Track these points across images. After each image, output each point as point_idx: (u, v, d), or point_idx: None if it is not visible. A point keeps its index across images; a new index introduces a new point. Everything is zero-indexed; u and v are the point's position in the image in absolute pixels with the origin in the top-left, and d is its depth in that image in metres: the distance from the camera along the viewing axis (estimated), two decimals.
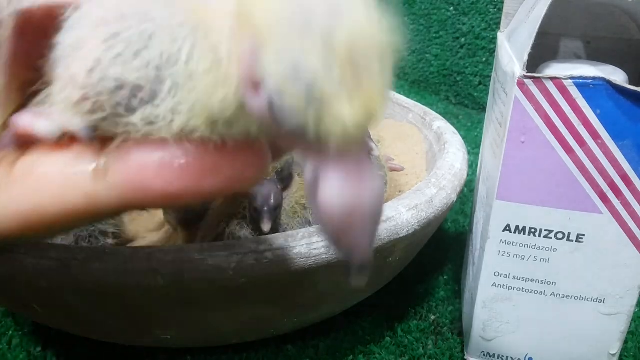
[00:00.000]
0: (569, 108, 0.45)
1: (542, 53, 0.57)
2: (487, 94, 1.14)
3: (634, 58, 0.54)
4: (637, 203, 0.46)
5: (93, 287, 0.38)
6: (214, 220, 0.54)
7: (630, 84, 0.44)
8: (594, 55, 0.55)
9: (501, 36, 0.59)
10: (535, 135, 0.46)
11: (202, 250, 0.38)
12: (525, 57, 0.48)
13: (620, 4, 0.52)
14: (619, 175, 0.46)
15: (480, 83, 1.15)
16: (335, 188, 0.21)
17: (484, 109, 1.17)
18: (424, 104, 1.18)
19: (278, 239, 0.41)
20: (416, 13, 1.24)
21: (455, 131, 0.68)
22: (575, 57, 0.57)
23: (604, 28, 0.55)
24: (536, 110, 0.46)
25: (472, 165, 0.91)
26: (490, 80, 1.11)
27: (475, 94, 1.16)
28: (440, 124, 0.70)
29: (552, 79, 0.45)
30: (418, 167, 0.68)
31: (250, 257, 0.39)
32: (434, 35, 1.21)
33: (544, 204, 0.48)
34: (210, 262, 0.38)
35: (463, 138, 1.08)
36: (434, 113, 0.75)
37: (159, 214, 0.63)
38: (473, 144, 1.00)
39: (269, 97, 0.20)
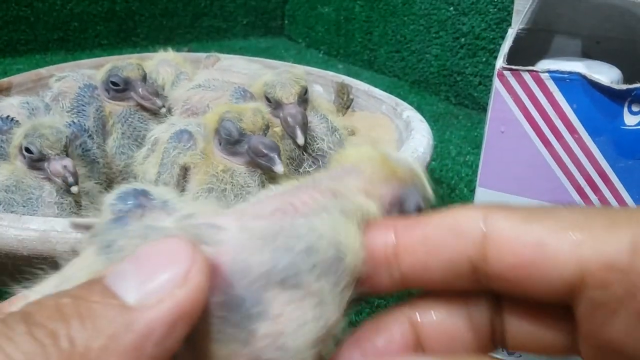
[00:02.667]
0: (546, 101, 0.46)
1: (550, 52, 0.58)
2: (487, 94, 1.15)
3: None
4: (615, 201, 0.47)
5: (70, 256, 0.39)
6: None
7: (631, 83, 0.45)
8: (603, 55, 0.55)
9: (511, 32, 0.60)
10: (514, 126, 0.47)
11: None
12: (506, 50, 0.49)
13: (629, 6, 0.53)
14: (596, 172, 0.46)
15: (480, 83, 1.16)
16: None
17: (483, 109, 1.18)
18: (424, 104, 1.20)
19: None
20: (416, 13, 1.25)
21: (423, 119, 0.71)
22: (584, 56, 0.57)
23: (614, 29, 0.56)
24: (515, 102, 0.47)
25: (472, 165, 0.92)
26: (489, 80, 1.12)
27: (475, 94, 1.17)
28: (410, 113, 0.74)
29: (529, 71, 0.46)
30: None
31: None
32: (434, 35, 1.22)
33: (523, 194, 0.49)
34: None
35: (463, 138, 1.10)
36: (404, 104, 0.79)
37: None
38: (473, 144, 1.01)
39: None
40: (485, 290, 0.28)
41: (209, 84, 0.76)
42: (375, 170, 0.29)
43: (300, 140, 0.64)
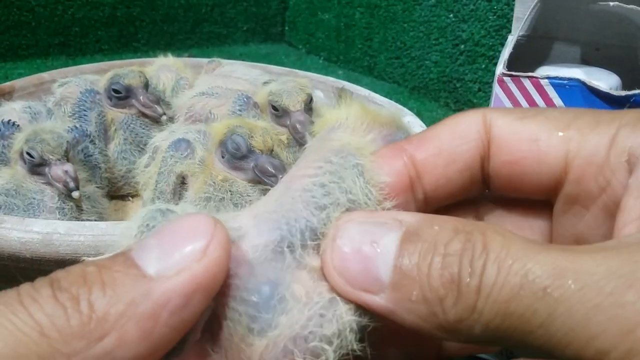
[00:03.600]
0: (546, 107, 0.46)
1: (550, 58, 0.59)
2: (486, 100, 1.15)
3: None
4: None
5: (73, 259, 0.39)
6: None
7: (629, 89, 0.45)
8: (602, 61, 0.56)
9: (511, 39, 0.61)
10: None
11: None
12: (506, 56, 0.50)
13: (628, 13, 0.53)
14: None
15: (479, 89, 1.16)
16: None
17: None
18: (423, 110, 1.20)
19: None
20: (416, 20, 1.25)
21: (423, 125, 0.72)
22: (583, 63, 0.58)
23: (613, 36, 0.57)
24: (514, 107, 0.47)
25: None
26: (489, 87, 1.12)
27: (475, 101, 1.17)
28: (410, 119, 0.74)
29: (529, 77, 0.46)
30: None
31: None
32: (434, 42, 1.22)
33: None
34: None
35: None
36: (404, 109, 0.79)
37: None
38: None
39: None
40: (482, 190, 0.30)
41: (212, 91, 0.76)
42: (358, 121, 0.29)
43: None
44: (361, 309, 0.25)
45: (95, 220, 0.55)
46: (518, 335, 0.21)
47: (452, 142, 0.28)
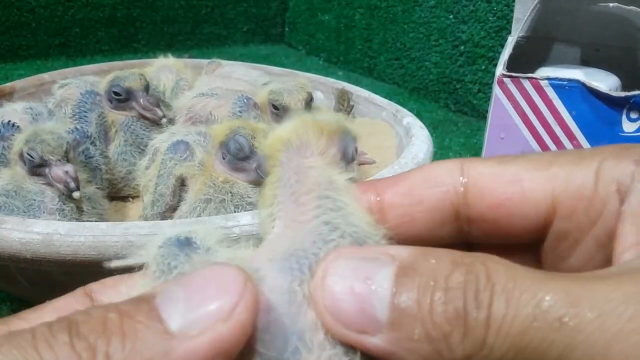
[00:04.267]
0: (546, 108, 0.47)
1: (550, 59, 0.59)
2: (486, 101, 1.15)
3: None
4: None
5: (73, 260, 0.39)
6: None
7: (629, 90, 0.45)
8: (602, 62, 0.56)
9: (511, 40, 0.61)
10: (513, 132, 0.48)
11: (174, 225, 0.40)
12: (506, 57, 0.50)
13: (628, 15, 0.53)
14: None
15: (479, 90, 1.16)
16: None
17: (483, 116, 1.18)
18: (423, 111, 1.20)
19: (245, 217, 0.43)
20: (416, 21, 1.25)
21: (423, 126, 0.72)
22: (583, 64, 0.58)
23: (613, 37, 0.57)
24: (514, 108, 0.47)
25: None
26: (489, 88, 1.12)
27: (475, 102, 1.17)
28: (410, 119, 0.74)
29: (529, 78, 0.46)
30: (388, 160, 0.72)
31: (220, 231, 0.41)
32: (434, 43, 1.22)
33: None
34: None
35: (462, 145, 1.10)
36: (405, 110, 0.79)
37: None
38: (472, 151, 1.01)
39: None
40: (463, 241, 0.29)
41: (212, 92, 0.76)
42: (313, 137, 0.30)
43: None
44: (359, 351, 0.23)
45: (96, 222, 0.55)
46: None
47: (422, 184, 0.28)
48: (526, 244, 0.29)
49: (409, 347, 0.22)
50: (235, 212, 0.56)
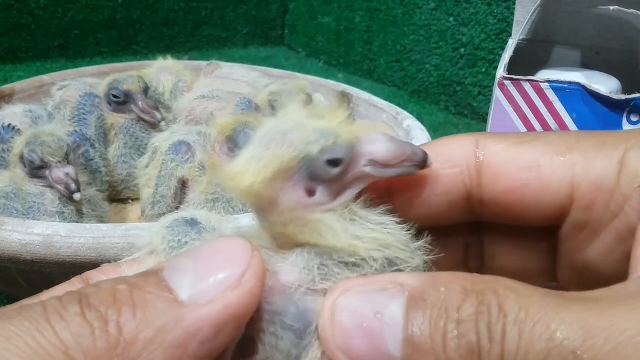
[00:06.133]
0: (546, 110, 0.47)
1: (550, 62, 0.59)
2: (486, 104, 1.15)
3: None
4: None
5: (73, 261, 0.39)
6: None
7: (630, 93, 0.45)
8: (602, 65, 0.56)
9: (511, 42, 0.61)
10: None
11: None
12: (507, 60, 0.50)
13: (629, 18, 0.53)
14: None
15: (479, 93, 1.16)
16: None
17: (483, 119, 1.18)
18: (423, 114, 1.20)
19: (246, 218, 0.43)
20: (416, 24, 1.26)
21: (423, 128, 0.72)
22: (583, 66, 0.58)
23: (613, 40, 0.57)
24: (515, 111, 0.47)
25: None
26: (489, 91, 1.12)
27: (475, 104, 1.17)
28: (410, 122, 0.74)
29: (530, 81, 0.46)
30: None
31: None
32: (434, 45, 1.22)
33: None
34: None
35: None
36: (405, 113, 0.79)
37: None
38: None
39: None
40: (473, 222, 0.29)
41: (213, 94, 0.76)
42: (258, 197, 0.26)
43: None
44: None
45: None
46: None
47: (434, 165, 0.27)
48: (541, 228, 0.28)
49: None
50: (243, 210, 0.56)
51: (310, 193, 0.25)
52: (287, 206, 0.25)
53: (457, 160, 0.27)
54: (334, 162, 0.25)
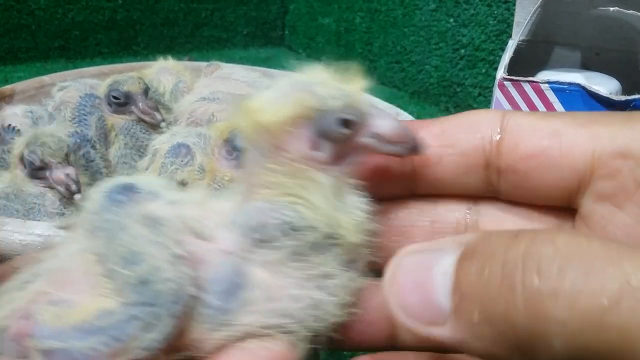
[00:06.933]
0: (546, 111, 0.47)
1: (550, 63, 0.59)
2: (486, 105, 1.15)
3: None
4: None
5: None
6: None
7: (629, 94, 0.45)
8: (602, 66, 0.56)
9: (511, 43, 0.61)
10: None
11: None
12: (507, 61, 0.50)
13: (628, 18, 0.53)
14: None
15: (479, 94, 1.16)
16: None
17: None
18: (423, 115, 1.20)
19: None
20: (416, 24, 1.26)
21: None
22: (583, 67, 0.58)
23: (613, 41, 0.57)
24: None
25: None
26: (489, 92, 1.12)
27: (475, 105, 1.17)
28: None
29: (529, 82, 0.46)
30: None
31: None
32: (434, 46, 1.23)
33: None
34: None
35: None
36: (405, 113, 0.79)
37: None
38: None
39: None
40: (490, 195, 0.28)
41: (213, 96, 0.76)
42: (268, 134, 0.28)
43: None
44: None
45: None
46: (613, 353, 0.17)
47: (457, 128, 0.27)
48: (558, 210, 0.27)
49: (473, 333, 0.20)
50: None
51: (314, 147, 0.26)
52: (291, 153, 0.26)
53: (480, 127, 0.27)
54: (346, 122, 0.26)
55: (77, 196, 0.55)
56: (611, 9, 0.52)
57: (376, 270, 0.28)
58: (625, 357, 0.17)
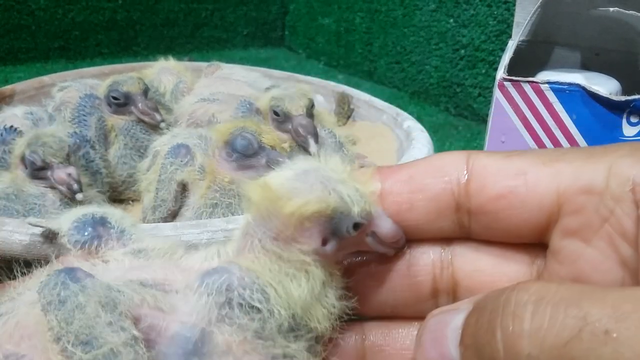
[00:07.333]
0: (546, 111, 0.47)
1: (550, 63, 0.59)
2: (486, 105, 1.15)
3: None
4: None
5: None
6: None
7: (629, 94, 0.45)
8: (602, 66, 0.56)
9: (511, 44, 0.61)
10: (514, 136, 0.48)
11: (175, 228, 0.40)
12: (507, 61, 0.50)
13: (628, 19, 0.53)
14: None
15: (479, 94, 1.16)
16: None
17: (483, 120, 1.18)
18: (423, 115, 1.20)
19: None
20: (416, 25, 1.26)
21: (423, 129, 0.72)
22: (583, 68, 0.58)
23: (613, 41, 0.57)
24: (515, 112, 0.47)
25: None
26: (489, 92, 1.12)
27: (475, 105, 1.17)
28: (410, 123, 0.75)
29: (529, 82, 0.46)
30: (389, 163, 0.71)
31: (220, 234, 0.41)
32: (434, 47, 1.23)
33: None
34: (183, 239, 0.40)
35: (462, 149, 1.09)
36: (405, 114, 0.80)
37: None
38: None
39: None
40: (463, 236, 0.29)
41: (214, 97, 0.76)
42: (283, 222, 0.28)
43: (314, 148, 0.64)
44: None
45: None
46: None
47: (425, 173, 0.28)
48: (530, 247, 0.28)
49: None
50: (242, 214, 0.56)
51: (324, 242, 0.27)
52: (301, 244, 0.27)
53: (447, 170, 0.28)
54: (357, 226, 0.27)
55: (78, 196, 0.55)
56: (611, 9, 0.52)
57: None
58: None
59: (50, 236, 0.41)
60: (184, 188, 0.61)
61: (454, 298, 0.29)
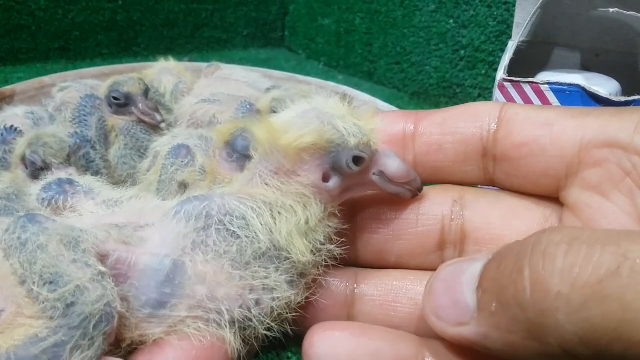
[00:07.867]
0: None
1: (550, 64, 0.59)
2: None
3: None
4: None
5: None
6: None
7: (629, 95, 0.46)
8: (602, 67, 0.56)
9: (511, 44, 0.61)
10: None
11: None
12: (507, 62, 0.50)
13: (628, 20, 0.54)
14: None
15: (479, 95, 1.16)
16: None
17: None
18: None
19: None
20: (416, 25, 1.26)
21: None
22: (583, 68, 0.58)
23: (613, 42, 0.57)
24: None
25: None
26: (489, 93, 1.12)
27: None
28: None
29: (529, 82, 0.46)
30: None
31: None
32: (434, 47, 1.23)
33: None
34: None
35: None
36: None
37: None
38: None
39: None
40: (487, 184, 0.30)
41: (214, 98, 0.77)
42: (283, 155, 0.29)
43: None
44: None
45: None
46: (615, 325, 0.18)
47: (458, 118, 0.29)
48: (543, 204, 0.29)
49: (492, 324, 0.22)
50: None
51: (325, 178, 0.28)
52: (302, 178, 0.28)
53: (480, 117, 0.29)
54: (358, 160, 0.27)
55: None
56: (611, 10, 0.52)
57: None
58: (627, 330, 0.18)
59: None
60: (185, 189, 0.61)
61: (460, 252, 0.30)
